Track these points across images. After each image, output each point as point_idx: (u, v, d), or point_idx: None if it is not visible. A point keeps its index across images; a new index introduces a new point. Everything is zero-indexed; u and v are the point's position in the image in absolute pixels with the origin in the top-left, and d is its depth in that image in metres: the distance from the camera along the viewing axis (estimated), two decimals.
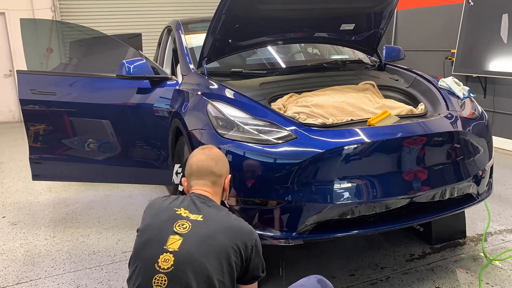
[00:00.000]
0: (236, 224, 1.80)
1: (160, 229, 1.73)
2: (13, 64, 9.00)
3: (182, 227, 1.71)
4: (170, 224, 1.72)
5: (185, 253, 1.64)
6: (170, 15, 8.88)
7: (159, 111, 3.47)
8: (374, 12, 3.42)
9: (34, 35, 5.47)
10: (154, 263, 1.64)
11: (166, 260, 1.63)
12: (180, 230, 1.70)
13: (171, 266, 1.62)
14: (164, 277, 1.61)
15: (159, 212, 1.81)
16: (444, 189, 2.61)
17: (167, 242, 1.67)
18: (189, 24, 4.13)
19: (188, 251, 1.64)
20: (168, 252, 1.64)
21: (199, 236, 1.68)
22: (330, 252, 3.19)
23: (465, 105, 2.97)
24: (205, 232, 1.69)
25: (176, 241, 1.66)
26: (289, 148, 2.38)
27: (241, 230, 1.77)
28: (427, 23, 7.23)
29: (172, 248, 1.65)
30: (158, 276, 1.62)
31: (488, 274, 2.87)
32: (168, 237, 1.68)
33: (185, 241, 1.66)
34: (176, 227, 1.71)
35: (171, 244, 1.66)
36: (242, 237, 1.74)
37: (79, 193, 4.71)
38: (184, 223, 1.73)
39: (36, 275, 3.09)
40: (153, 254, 1.66)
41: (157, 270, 1.62)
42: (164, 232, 1.71)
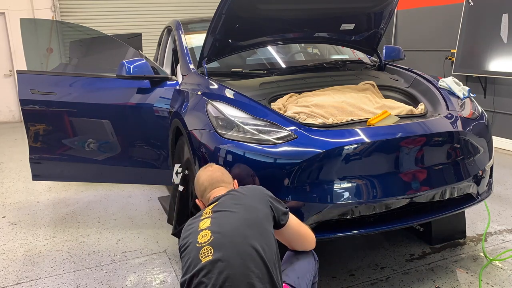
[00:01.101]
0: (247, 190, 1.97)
1: (189, 237, 1.81)
2: (13, 64, 9.00)
3: (205, 214, 1.85)
4: (196, 229, 1.81)
5: (219, 223, 1.76)
6: (170, 15, 8.89)
7: (159, 111, 3.47)
8: (374, 12, 3.42)
9: (34, 35, 5.47)
10: (195, 244, 1.73)
11: (203, 236, 1.73)
12: (205, 216, 1.84)
13: (210, 237, 1.71)
14: (209, 247, 1.68)
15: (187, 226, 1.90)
16: (444, 189, 2.61)
17: (199, 226, 1.79)
18: (189, 24, 4.13)
19: (220, 220, 1.77)
20: (204, 230, 1.75)
21: (224, 210, 1.82)
22: (330, 252, 3.19)
23: (465, 105, 2.97)
24: (229, 205, 1.85)
25: (206, 222, 1.78)
26: (289, 148, 2.38)
27: (254, 188, 1.99)
28: (427, 23, 7.23)
29: (205, 226, 1.76)
30: (202, 250, 1.69)
31: (488, 274, 2.87)
32: (198, 224, 1.81)
33: (214, 217, 1.80)
34: (200, 217, 1.85)
35: (203, 225, 1.78)
36: (257, 192, 1.94)
37: (79, 193, 4.71)
38: (205, 210, 1.89)
39: (36, 275, 3.09)
40: (193, 246, 1.74)
41: (199, 246, 1.70)
42: (194, 227, 1.82)
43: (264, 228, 1.79)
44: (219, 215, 1.81)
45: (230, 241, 1.69)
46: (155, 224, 3.82)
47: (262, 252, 1.69)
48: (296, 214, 2.36)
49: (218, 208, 1.86)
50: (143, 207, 4.23)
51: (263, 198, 1.91)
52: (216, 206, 1.87)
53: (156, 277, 2.98)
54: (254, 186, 2.07)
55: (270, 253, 1.73)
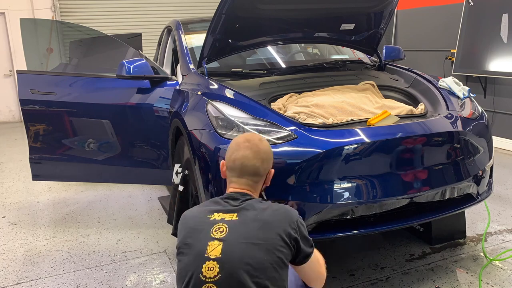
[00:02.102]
0: (274, 214, 1.67)
1: (197, 241, 1.63)
2: (13, 64, 9.00)
3: (219, 231, 1.61)
4: (207, 232, 1.62)
5: (229, 257, 1.55)
6: (170, 15, 8.88)
7: (159, 111, 3.47)
8: (374, 12, 3.42)
9: (34, 35, 5.47)
10: (199, 274, 1.54)
11: (210, 269, 1.54)
12: (217, 235, 1.60)
13: (217, 274, 1.54)
14: (213, 286, 1.53)
15: (194, 223, 1.69)
16: (444, 189, 2.61)
17: (207, 249, 1.57)
18: (189, 24, 4.13)
19: (231, 255, 1.56)
20: (211, 260, 1.55)
21: (239, 236, 1.59)
22: (330, 252, 3.19)
23: (465, 105, 2.97)
24: (245, 231, 1.60)
25: (217, 247, 1.57)
26: (289, 148, 2.38)
27: (281, 219, 1.65)
28: (427, 23, 7.23)
29: (214, 255, 1.56)
30: (205, 286, 1.53)
31: (488, 274, 2.87)
32: (207, 244, 1.59)
33: (226, 245, 1.57)
34: (213, 232, 1.61)
35: (212, 251, 1.57)
36: (283, 225, 1.63)
37: (79, 193, 4.71)
38: (220, 226, 1.63)
39: (36, 275, 3.09)
40: (196, 266, 1.57)
41: (204, 281, 1.53)
42: (203, 242, 1.61)
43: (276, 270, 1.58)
44: (233, 244, 1.57)
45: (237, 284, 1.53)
46: (155, 224, 3.82)
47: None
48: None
49: (235, 229, 1.61)
50: (143, 207, 4.23)
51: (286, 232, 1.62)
52: (231, 225, 1.62)
53: (156, 277, 2.98)
54: (283, 212, 1.69)
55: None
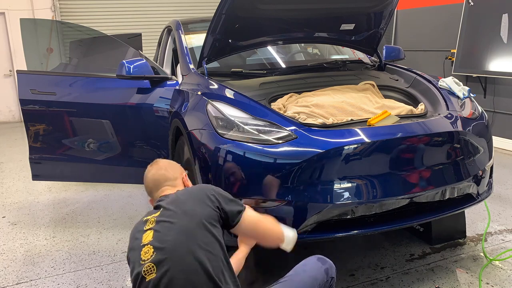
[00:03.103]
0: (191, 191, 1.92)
1: (135, 239, 1.81)
2: (13, 64, 9.00)
3: (150, 223, 1.82)
4: (141, 229, 1.82)
5: (159, 239, 1.72)
6: (170, 15, 8.89)
7: (159, 111, 3.47)
8: (374, 12, 3.42)
9: (34, 35, 5.47)
10: (138, 261, 1.72)
11: (146, 252, 1.72)
12: (149, 226, 1.80)
13: (153, 253, 1.70)
14: (151, 264, 1.68)
15: (133, 232, 1.89)
16: (444, 189, 2.61)
17: (142, 239, 1.77)
18: (189, 24, 4.13)
19: (160, 236, 1.73)
20: (145, 246, 1.73)
21: (164, 222, 1.77)
22: (330, 252, 3.18)
23: (465, 105, 2.97)
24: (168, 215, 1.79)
25: (149, 234, 1.76)
26: (289, 148, 2.38)
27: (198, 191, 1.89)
28: (427, 23, 7.23)
29: (147, 241, 1.74)
30: (146, 266, 1.69)
31: (488, 274, 2.87)
32: (141, 236, 1.78)
33: (155, 230, 1.76)
34: (145, 227, 1.82)
35: (145, 239, 1.76)
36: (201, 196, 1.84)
37: (79, 193, 4.71)
38: (151, 219, 1.83)
39: (36, 275, 3.09)
40: (136, 256, 1.75)
41: (143, 263, 1.70)
42: (138, 235, 1.80)
43: (206, 234, 1.74)
44: (161, 228, 1.77)
45: (172, 257, 1.68)
46: None
47: (208, 263, 1.68)
48: (296, 214, 2.37)
49: (161, 217, 1.81)
50: (143, 207, 4.23)
51: (204, 199, 1.84)
52: (159, 216, 1.82)
53: None
54: (197, 187, 2.01)
55: (216, 261, 1.71)
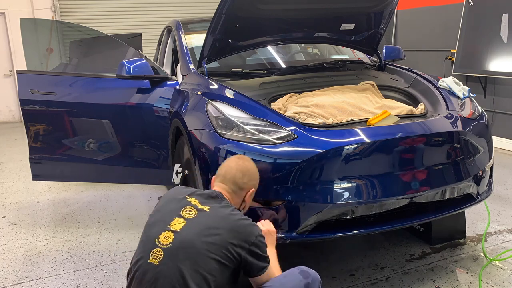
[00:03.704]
0: (239, 223, 1.88)
1: (168, 211, 1.86)
2: (13, 64, 9.00)
3: (188, 212, 1.83)
4: (178, 208, 1.85)
5: (185, 236, 1.76)
6: (170, 15, 8.88)
7: (159, 111, 3.47)
8: (374, 12, 3.42)
9: (34, 35, 5.47)
10: (155, 238, 1.77)
11: (166, 237, 1.76)
12: (185, 215, 1.82)
13: (170, 243, 1.74)
14: (161, 251, 1.74)
15: (171, 198, 1.94)
16: (444, 189, 2.61)
17: (172, 222, 1.80)
18: (189, 24, 4.13)
19: (187, 235, 1.76)
20: (170, 231, 1.77)
21: (201, 224, 1.80)
22: (330, 252, 3.19)
23: (465, 105, 2.97)
24: (208, 223, 1.81)
25: (180, 223, 1.79)
26: (289, 148, 2.38)
27: (239, 226, 1.86)
28: (427, 23, 7.23)
29: (174, 228, 1.78)
30: (156, 250, 1.75)
31: (488, 274, 2.87)
32: (174, 218, 1.81)
33: (188, 225, 1.79)
34: (183, 211, 1.84)
35: (174, 225, 1.79)
36: (240, 233, 1.83)
37: (79, 193, 4.71)
38: (191, 209, 1.85)
39: (36, 275, 3.09)
40: (157, 231, 1.79)
41: (157, 244, 1.75)
42: (171, 214, 1.84)
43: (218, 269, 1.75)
44: (193, 228, 1.78)
45: (177, 262, 1.71)
46: None
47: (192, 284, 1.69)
48: (296, 214, 2.37)
49: (201, 218, 1.81)
50: (143, 207, 4.23)
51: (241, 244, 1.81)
52: (200, 213, 1.83)
53: None
54: (245, 225, 1.89)
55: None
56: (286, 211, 2.38)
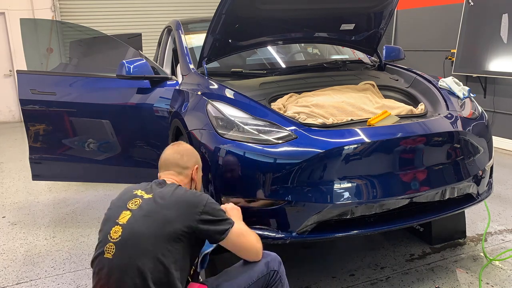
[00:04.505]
0: (180, 193, 1.91)
1: (116, 207, 1.93)
2: (13, 64, 9.01)
3: (134, 204, 1.90)
4: (125, 202, 1.92)
5: (130, 227, 1.82)
6: (170, 15, 8.88)
7: (159, 111, 3.47)
8: (374, 12, 3.42)
9: (34, 35, 5.48)
10: (107, 234, 1.85)
11: (115, 232, 1.83)
12: (131, 206, 1.90)
13: (119, 236, 1.81)
14: (113, 245, 1.80)
15: (121, 195, 2.01)
16: (444, 189, 2.61)
17: (119, 216, 1.87)
18: (189, 24, 4.13)
19: (132, 225, 1.82)
20: (118, 225, 1.84)
21: (144, 211, 1.86)
22: (330, 252, 3.19)
23: (465, 105, 2.97)
24: (151, 208, 1.86)
25: (126, 216, 1.86)
26: (289, 148, 2.38)
27: (184, 198, 1.88)
28: (427, 23, 7.23)
29: (122, 222, 1.85)
30: (109, 245, 1.82)
31: (488, 274, 2.87)
32: (121, 212, 1.88)
33: (133, 215, 1.85)
34: (129, 204, 1.91)
35: (122, 218, 1.86)
36: (185, 204, 1.85)
37: (79, 193, 4.71)
38: (136, 200, 1.91)
39: (36, 275, 3.09)
40: (108, 227, 1.87)
41: (109, 240, 1.83)
42: (119, 209, 1.91)
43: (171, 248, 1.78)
44: (138, 217, 1.83)
45: (128, 253, 1.77)
46: None
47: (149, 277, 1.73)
48: (296, 214, 2.37)
49: (145, 205, 1.86)
50: None
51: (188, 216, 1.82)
52: (145, 202, 1.88)
53: None
54: (190, 195, 1.92)
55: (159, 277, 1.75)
56: (286, 211, 2.38)
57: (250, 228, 2.01)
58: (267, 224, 2.42)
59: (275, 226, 2.40)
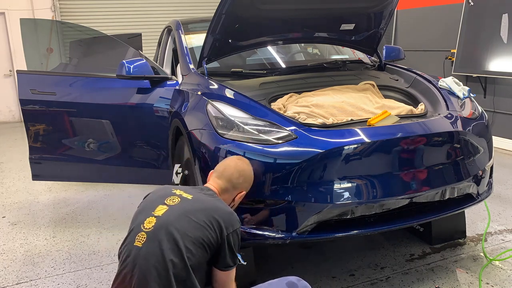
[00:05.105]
0: (220, 207, 1.98)
1: (153, 201, 1.98)
2: (13, 64, 9.00)
3: (172, 200, 1.96)
4: (163, 198, 1.98)
5: (165, 219, 1.87)
6: (170, 15, 8.88)
7: (159, 111, 3.47)
8: (374, 12, 3.42)
9: (34, 35, 5.48)
10: (141, 224, 1.89)
11: (149, 222, 1.88)
12: (169, 202, 1.95)
13: (152, 227, 1.86)
14: (144, 235, 1.84)
15: (158, 191, 2.07)
16: (444, 189, 2.61)
17: (155, 209, 1.92)
18: (189, 24, 4.13)
19: (167, 218, 1.87)
20: (153, 216, 1.89)
21: (182, 208, 1.91)
22: (330, 252, 3.19)
23: (465, 105, 2.97)
24: (189, 208, 1.91)
25: (163, 209, 1.91)
26: (289, 148, 2.38)
27: (222, 213, 1.94)
28: (427, 23, 7.23)
29: (157, 214, 1.90)
30: (141, 233, 1.86)
31: (488, 274, 2.87)
32: (158, 206, 1.94)
33: (169, 210, 1.90)
34: (167, 200, 1.96)
35: (158, 211, 1.91)
36: (221, 218, 1.90)
37: (79, 193, 4.71)
38: (175, 198, 1.97)
39: (36, 275, 3.09)
40: (142, 218, 1.92)
41: (141, 229, 1.87)
42: (156, 202, 1.96)
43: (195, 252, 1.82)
44: (175, 212, 1.88)
45: (157, 242, 1.80)
46: None
47: (171, 271, 1.77)
48: (296, 214, 2.37)
49: (183, 203, 1.92)
50: None
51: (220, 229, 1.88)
52: (183, 200, 1.93)
53: None
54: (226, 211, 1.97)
55: (180, 274, 1.79)
56: (286, 211, 2.38)
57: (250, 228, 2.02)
58: (267, 224, 2.42)
59: (275, 226, 2.40)
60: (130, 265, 1.82)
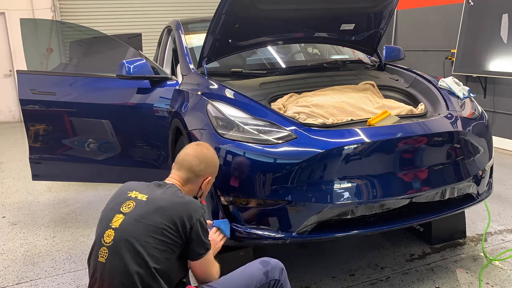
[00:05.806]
0: (176, 201, 1.88)
1: (110, 210, 1.91)
2: (13, 64, 9.00)
3: (127, 207, 1.88)
4: (119, 205, 1.90)
5: (123, 229, 1.81)
6: (170, 15, 8.88)
7: (159, 111, 3.47)
8: (374, 12, 3.42)
9: (34, 35, 5.48)
10: (101, 238, 1.85)
11: (108, 236, 1.83)
12: (125, 209, 1.88)
13: (111, 240, 1.81)
14: (106, 249, 1.81)
15: (115, 195, 1.98)
16: (444, 189, 2.61)
17: (112, 220, 1.86)
18: (189, 24, 4.13)
19: (125, 228, 1.82)
20: (111, 229, 1.84)
21: (138, 215, 1.84)
22: (330, 252, 3.19)
23: (465, 105, 2.97)
24: (144, 212, 1.84)
25: (119, 219, 1.85)
26: (289, 148, 2.38)
27: (180, 207, 1.85)
28: (427, 23, 7.23)
29: (115, 225, 1.84)
30: (102, 248, 1.82)
31: (488, 274, 2.87)
32: (114, 216, 1.87)
33: (126, 219, 1.84)
34: (122, 207, 1.89)
35: (115, 222, 1.85)
36: (180, 214, 1.82)
37: (79, 193, 4.71)
38: (130, 203, 1.89)
39: (36, 275, 3.09)
40: (101, 231, 1.87)
41: (102, 244, 1.83)
42: (113, 212, 1.89)
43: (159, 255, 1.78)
44: (130, 220, 1.82)
45: (119, 257, 1.77)
46: None
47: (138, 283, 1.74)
48: (296, 214, 2.37)
49: (138, 208, 1.85)
50: None
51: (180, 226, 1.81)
52: (138, 204, 1.86)
53: None
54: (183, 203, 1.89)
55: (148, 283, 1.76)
56: (286, 211, 2.38)
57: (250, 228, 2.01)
58: (267, 224, 2.42)
59: (275, 226, 2.40)
60: (98, 282, 1.82)
